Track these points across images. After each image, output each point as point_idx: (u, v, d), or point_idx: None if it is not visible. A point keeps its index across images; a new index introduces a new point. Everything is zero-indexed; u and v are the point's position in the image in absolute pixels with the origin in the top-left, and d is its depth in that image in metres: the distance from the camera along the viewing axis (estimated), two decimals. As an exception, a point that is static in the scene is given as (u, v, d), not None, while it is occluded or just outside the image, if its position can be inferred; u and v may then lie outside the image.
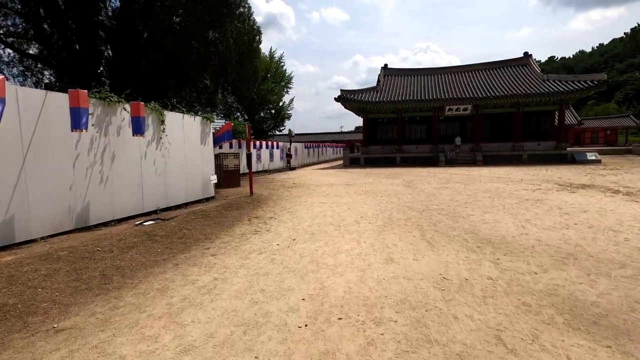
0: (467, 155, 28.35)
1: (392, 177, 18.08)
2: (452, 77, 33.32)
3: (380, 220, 7.30)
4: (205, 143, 9.61)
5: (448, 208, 8.53)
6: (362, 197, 10.94)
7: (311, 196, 11.29)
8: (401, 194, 11.25)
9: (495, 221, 6.95)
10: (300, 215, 7.99)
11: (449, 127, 33.16)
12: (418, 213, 8.00)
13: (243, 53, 16.20)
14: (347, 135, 64.60)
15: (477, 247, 5.27)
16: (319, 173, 22.74)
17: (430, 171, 21.56)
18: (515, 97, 27.11)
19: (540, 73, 30.43)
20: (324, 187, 13.75)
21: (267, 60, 37.06)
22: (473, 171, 20.70)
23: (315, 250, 5.23)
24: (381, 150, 31.36)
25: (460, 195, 10.72)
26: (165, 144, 7.96)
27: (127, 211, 7.14)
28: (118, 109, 6.76)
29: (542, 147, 28.65)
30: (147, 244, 5.30)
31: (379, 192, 12.04)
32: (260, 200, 10.15)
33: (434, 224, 6.82)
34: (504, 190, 11.48)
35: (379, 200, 10.17)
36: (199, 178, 9.43)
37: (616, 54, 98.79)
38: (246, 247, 5.45)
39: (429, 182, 14.64)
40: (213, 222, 7.02)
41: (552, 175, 16.55)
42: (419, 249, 5.21)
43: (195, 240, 5.72)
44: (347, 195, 11.42)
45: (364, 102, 29.61)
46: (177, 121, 8.44)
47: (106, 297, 3.61)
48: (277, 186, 14.65)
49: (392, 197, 10.60)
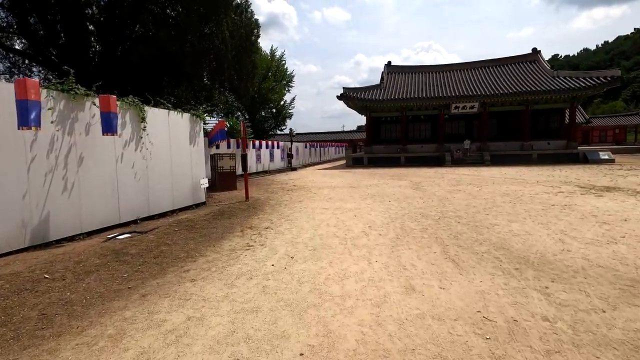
0: (474, 155, 27.34)
1: (398, 178, 17.13)
2: (458, 74, 32.29)
3: (391, 231, 6.35)
4: (195, 143, 8.68)
5: (467, 215, 7.58)
6: (368, 201, 10.00)
7: (313, 201, 10.35)
8: (411, 198, 10.30)
9: (526, 233, 6.00)
10: (301, 225, 7.05)
11: (454, 126, 32.17)
12: (434, 222, 7.05)
13: (240, 48, 15.28)
14: (349, 134, 63.61)
15: (514, 269, 4.32)
16: (321, 174, 21.80)
17: (438, 172, 20.58)
18: (525, 94, 26.08)
19: (550, 69, 29.37)
20: (327, 190, 12.81)
21: (267, 59, 36.16)
22: (482, 171, 19.71)
23: (318, 274, 4.29)
24: (385, 150, 30.38)
25: (476, 199, 9.76)
26: (146, 145, 7.04)
27: (98, 222, 6.20)
28: (86, 103, 5.82)
29: (552, 146, 27.61)
30: (112, 266, 4.38)
31: (387, 195, 11.10)
32: (256, 206, 9.22)
33: (456, 237, 5.87)
34: (523, 194, 10.51)
35: (387, 205, 9.23)
36: (187, 182, 8.52)
37: (622, 52, 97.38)
38: (234, 268, 4.52)
39: (439, 185, 13.68)
40: (199, 234, 6.09)
41: (569, 176, 15.55)
42: (444, 272, 4.27)
43: (174, 259, 4.79)
44: (352, 199, 10.48)
45: (367, 101, 28.64)
46: (161, 118, 7.53)
47: (36, 351, 2.68)
48: (276, 189, 13.72)
49: (401, 202, 9.65)
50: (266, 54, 36.48)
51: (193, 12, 12.95)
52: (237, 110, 37.71)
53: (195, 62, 14.41)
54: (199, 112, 8.53)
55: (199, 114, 8.53)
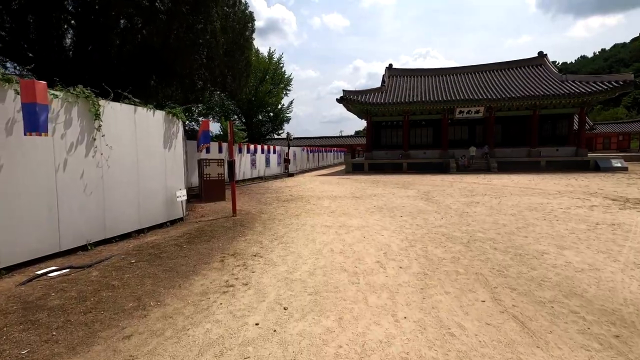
0: (480, 162, 26.07)
1: (404, 186, 15.75)
2: (462, 78, 31.17)
3: (414, 262, 4.94)
4: (171, 146, 7.21)
5: (501, 238, 6.19)
6: (376, 216, 8.59)
7: (312, 215, 8.93)
8: (425, 213, 8.91)
9: (591, 267, 4.61)
10: (298, 250, 5.62)
11: (457, 131, 30.96)
12: (464, 247, 5.66)
13: (233, 43, 13.92)
14: (347, 139, 62.37)
15: (613, 336, 2.93)
16: (319, 181, 20.39)
17: (444, 180, 19.24)
18: (533, 98, 24.93)
19: (558, 73, 28.30)
20: (327, 201, 11.40)
21: (265, 61, 34.88)
22: (492, 180, 18.40)
23: (323, 344, 2.87)
24: (386, 156, 29.06)
25: (502, 215, 8.38)
26: (102, 149, 5.60)
27: (26, 253, 4.62)
28: (8, 92, 4.26)
29: (561, 153, 26.44)
30: (10, 335, 2.93)
31: (396, 208, 9.70)
32: (245, 223, 7.77)
33: (501, 272, 4.47)
34: (552, 208, 9.16)
35: (400, 221, 7.83)
36: (159, 194, 7.03)
37: (621, 59, 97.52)
38: (199, 331, 3.08)
39: (451, 195, 12.31)
40: (164, 267, 4.63)
41: (590, 186, 14.26)
42: (511, 342, 2.86)
43: (115, 313, 3.33)
44: (357, 213, 9.07)
45: (368, 104, 27.37)
46: (125, 116, 6.07)
47: None
48: (270, 199, 12.29)
49: (415, 217, 8.26)
50: (264, 57, 35.20)
51: (180, 2, 11.59)
52: (234, 114, 36.32)
53: (182, 57, 13.00)
54: (176, 110, 7.09)
55: (177, 112, 7.08)
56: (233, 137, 8.05)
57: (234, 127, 23.69)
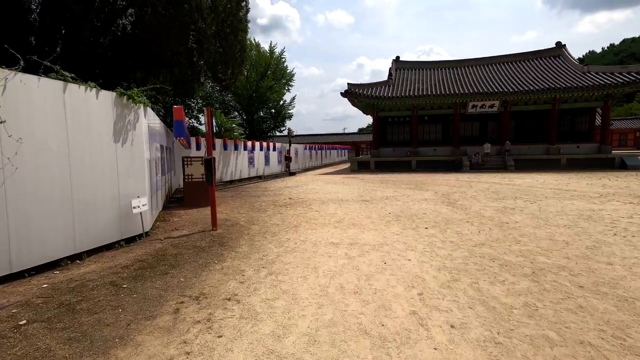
0: (495, 160, 24.22)
1: (417, 187, 13.99)
2: (474, 70, 29.24)
3: (471, 317, 3.22)
4: (126, 140, 5.43)
5: (576, 266, 4.45)
6: (394, 227, 6.87)
7: (314, 225, 7.21)
8: (454, 222, 7.18)
9: None
10: (293, 290, 3.91)
11: (467, 127, 29.09)
12: (532, 283, 3.93)
13: (225, 24, 12.17)
14: (351, 136, 60.45)
15: None
16: (323, 180, 18.66)
17: (459, 179, 17.46)
18: (554, 91, 23.02)
19: (578, 64, 26.32)
20: (333, 206, 9.69)
21: (266, 56, 33.10)
22: (514, 179, 16.60)
23: None
24: (393, 153, 27.26)
25: (552, 227, 6.62)
26: (1, 142, 3.87)
27: None
28: None
29: (583, 150, 24.51)
30: None
31: (416, 216, 7.97)
32: (225, 241, 6.04)
33: (622, 342, 2.75)
34: (611, 217, 7.39)
35: (427, 236, 6.10)
36: (107, 205, 5.25)
37: (632, 53, 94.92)
38: None
39: (476, 198, 10.55)
40: (70, 333, 2.78)
41: (630, 187, 12.46)
42: None
43: None
44: (371, 223, 7.34)
45: (374, 98, 25.56)
46: (48, 95, 4.34)
47: None
48: (266, 203, 10.58)
49: (444, 230, 6.52)
50: (265, 51, 33.40)
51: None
52: (234, 110, 34.61)
53: (165, 39, 11.27)
54: (133, 91, 5.33)
55: (133, 94, 5.30)
56: (212, 127, 6.23)
57: (231, 122, 21.90)
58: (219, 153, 16.08)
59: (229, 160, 17.06)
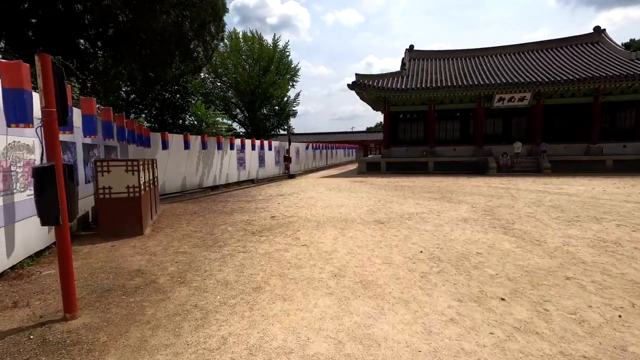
0: (527, 161, 20.86)
1: (443, 196, 10.81)
2: (500, 60, 25.80)
3: None
4: None
5: None
6: (441, 296, 3.80)
7: (292, 292, 4.18)
8: (538, 276, 4.07)
9: None
10: None
11: (490, 124, 25.52)
12: None
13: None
14: (359, 135, 57.11)
15: None
16: (325, 185, 15.57)
17: (491, 184, 14.23)
18: (598, 81, 19.58)
19: (624, 51, 22.77)
20: (331, 233, 6.63)
21: (269, 49, 30.13)
22: (560, 185, 13.33)
23: None
24: (407, 153, 24.02)
25: None
26: None
27: None
28: None
29: (631, 150, 20.94)
30: None
31: (467, 259, 4.87)
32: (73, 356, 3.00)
33: None
34: None
35: (515, 330, 3.02)
36: None
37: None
38: None
39: (536, 218, 7.38)
40: None
41: None
42: None
43: None
44: (395, 281, 4.27)
45: (386, 90, 22.38)
46: None
47: None
48: (232, 229, 7.55)
49: (538, 303, 3.43)
50: (268, 44, 30.36)
51: None
52: (236, 107, 31.72)
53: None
54: None
55: None
56: (55, 94, 2.94)
57: (215, 115, 18.67)
58: (197, 153, 13.16)
59: (211, 162, 14.12)
